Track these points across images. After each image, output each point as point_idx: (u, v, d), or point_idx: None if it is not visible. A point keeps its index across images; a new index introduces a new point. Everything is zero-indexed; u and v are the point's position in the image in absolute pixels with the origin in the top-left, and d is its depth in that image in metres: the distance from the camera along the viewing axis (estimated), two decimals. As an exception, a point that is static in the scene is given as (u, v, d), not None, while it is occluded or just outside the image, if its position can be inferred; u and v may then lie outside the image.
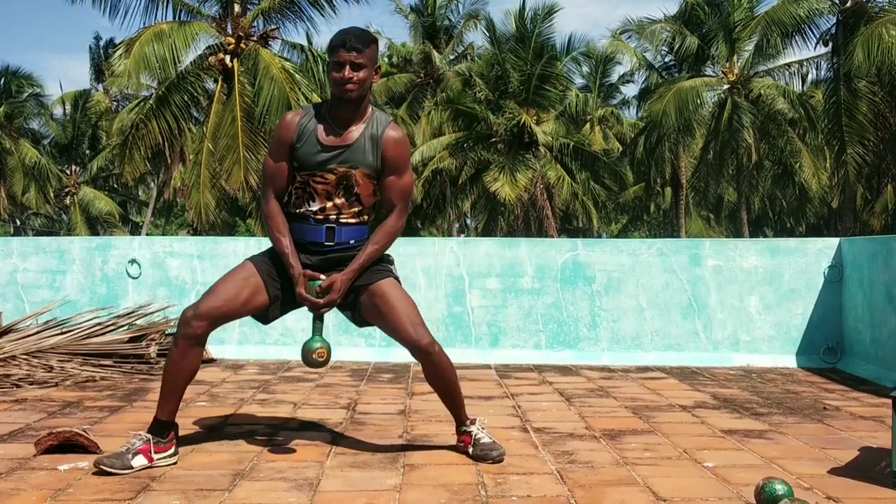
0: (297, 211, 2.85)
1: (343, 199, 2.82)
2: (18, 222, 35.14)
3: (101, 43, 35.40)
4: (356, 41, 2.72)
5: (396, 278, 2.93)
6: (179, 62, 17.15)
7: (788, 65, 23.88)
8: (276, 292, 2.83)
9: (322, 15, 17.94)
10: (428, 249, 5.60)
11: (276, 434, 3.24)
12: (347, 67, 2.71)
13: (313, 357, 2.77)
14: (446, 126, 25.35)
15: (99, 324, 4.99)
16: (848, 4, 20.11)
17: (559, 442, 3.14)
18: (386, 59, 32.92)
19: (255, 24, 18.11)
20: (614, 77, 31.79)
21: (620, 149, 29.22)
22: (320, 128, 2.80)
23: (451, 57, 30.60)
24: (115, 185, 32.96)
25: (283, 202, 2.87)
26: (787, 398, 4.15)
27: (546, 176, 23.25)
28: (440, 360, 2.86)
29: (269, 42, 18.16)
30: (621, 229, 41.40)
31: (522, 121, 22.55)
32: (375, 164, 2.81)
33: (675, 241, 5.70)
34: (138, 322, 5.16)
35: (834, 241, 5.47)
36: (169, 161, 22.21)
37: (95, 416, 3.54)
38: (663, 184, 30.03)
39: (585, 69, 30.16)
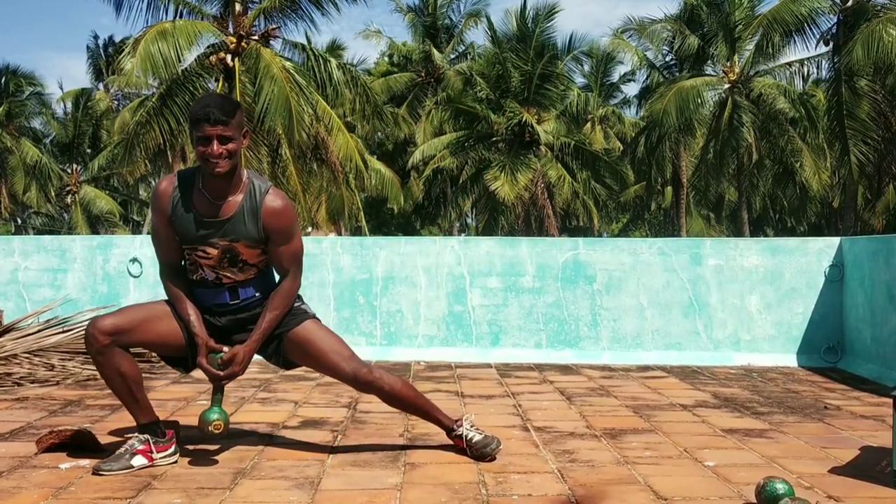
0: (193, 277, 2.77)
1: (233, 269, 2.74)
2: (19, 221, 35.16)
3: (101, 41, 35.39)
4: (220, 113, 2.58)
5: (313, 317, 2.88)
6: (183, 61, 17.15)
7: (789, 64, 23.87)
8: (192, 348, 2.75)
9: (323, 14, 17.95)
10: (429, 248, 5.60)
11: (277, 433, 3.24)
12: (215, 142, 2.57)
13: (209, 429, 2.70)
14: (447, 125, 25.36)
15: (100, 323, 4.99)
16: (849, 4, 20.10)
17: (560, 441, 3.14)
18: (386, 59, 32.93)
19: (257, 23, 18.10)
20: (615, 76, 31.80)
21: (621, 148, 29.22)
22: (196, 201, 2.68)
23: (452, 56, 30.60)
24: (116, 184, 32.97)
25: (177, 270, 2.80)
26: (788, 397, 4.16)
27: (547, 175, 23.25)
28: (386, 383, 2.87)
29: (271, 41, 18.15)
30: (622, 228, 41.40)
31: (523, 120, 22.55)
32: (258, 235, 2.71)
33: (675, 241, 5.70)
34: (139, 321, 5.16)
35: (835, 241, 5.47)
36: (170, 160, 22.20)
37: (97, 414, 3.55)
38: (664, 183, 30.02)
39: (586, 68, 30.16)
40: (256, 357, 5.29)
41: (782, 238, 5.90)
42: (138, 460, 2.66)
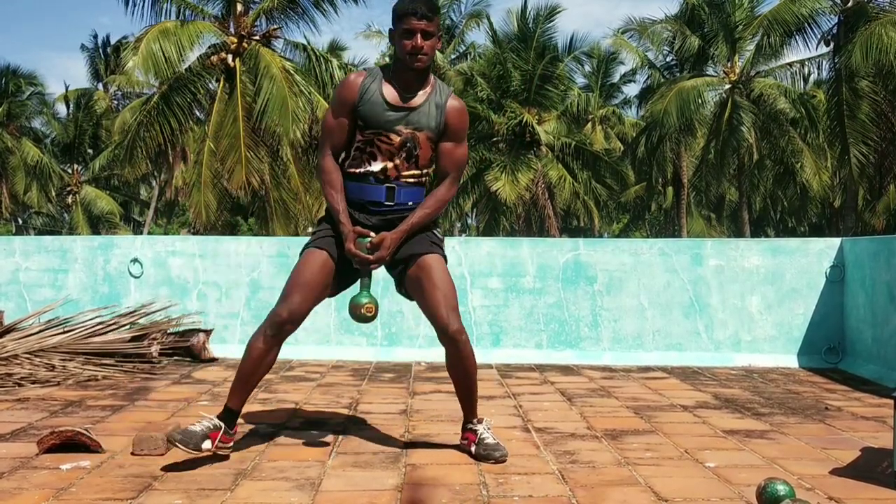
0: (357, 171, 2.87)
1: (403, 161, 2.85)
2: (20, 221, 35.17)
3: (99, 41, 35.41)
4: (426, 9, 2.73)
5: (444, 258, 2.94)
6: (185, 60, 17.16)
7: (790, 64, 23.86)
8: (339, 266, 2.85)
9: (323, 15, 17.96)
10: (429, 249, 5.59)
11: (277, 433, 3.24)
12: (419, 36, 2.73)
13: (361, 311, 2.81)
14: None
15: (101, 323, 5.00)
16: (849, 4, 20.09)
17: (561, 442, 3.14)
18: (387, 59, 32.94)
19: (258, 23, 18.11)
20: (616, 77, 31.79)
21: (622, 148, 29.21)
22: (387, 89, 2.83)
23: (453, 56, 30.59)
24: (118, 184, 32.99)
25: (339, 161, 2.91)
26: (789, 398, 4.15)
27: (547, 175, 23.25)
28: (465, 349, 2.89)
29: (272, 42, 18.16)
30: (623, 229, 41.40)
31: (524, 120, 22.55)
32: (438, 128, 2.86)
33: (676, 241, 5.70)
34: (140, 321, 5.16)
35: (835, 241, 5.47)
36: (171, 160, 22.21)
37: (97, 415, 3.55)
38: (664, 183, 30.02)
39: (587, 68, 30.15)
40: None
41: (783, 239, 5.89)
42: (207, 443, 2.70)
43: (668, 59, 26.45)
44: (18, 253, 5.71)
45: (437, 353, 5.42)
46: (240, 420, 3.45)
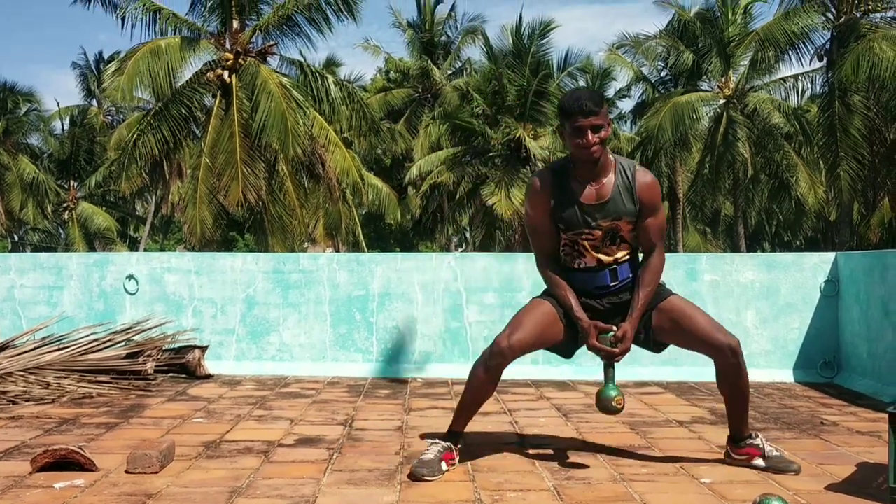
0: (575, 266, 3.00)
1: (610, 246, 2.95)
2: (16, 238, 35.11)
3: (91, 58, 35.48)
4: (591, 104, 2.79)
5: (675, 293, 3.05)
6: (176, 79, 17.22)
7: (784, 79, 24.01)
8: (570, 332, 2.99)
9: (319, 32, 18.04)
10: (425, 264, 5.60)
11: (272, 450, 3.23)
12: (589, 132, 2.80)
13: (612, 405, 2.92)
14: (444, 140, 25.43)
15: (96, 340, 4.99)
16: (842, 20, 20.24)
17: (556, 458, 3.14)
18: (382, 75, 33.07)
19: (254, 40, 18.19)
20: (610, 92, 31.92)
21: (617, 163, 29.23)
22: (574, 187, 2.92)
23: (449, 72, 30.74)
24: (114, 200, 32.97)
25: (554, 259, 3.03)
26: (785, 413, 4.15)
27: (544, 190, 23.27)
28: (743, 361, 2.96)
29: (268, 58, 18.24)
30: (619, 243, 41.37)
31: (518, 135, 22.64)
32: (635, 210, 2.93)
33: (671, 256, 5.70)
34: (136, 338, 5.15)
35: (830, 256, 5.48)
36: (167, 176, 22.21)
37: (92, 433, 3.53)
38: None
39: (582, 84, 30.28)
40: (253, 374, 5.27)
41: (778, 253, 5.91)
42: (444, 466, 2.85)
43: (663, 74, 26.59)
44: (14, 270, 5.70)
45: (433, 369, 5.43)
46: (234, 438, 3.44)
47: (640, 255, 3.06)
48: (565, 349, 3.09)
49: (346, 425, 3.76)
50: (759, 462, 2.95)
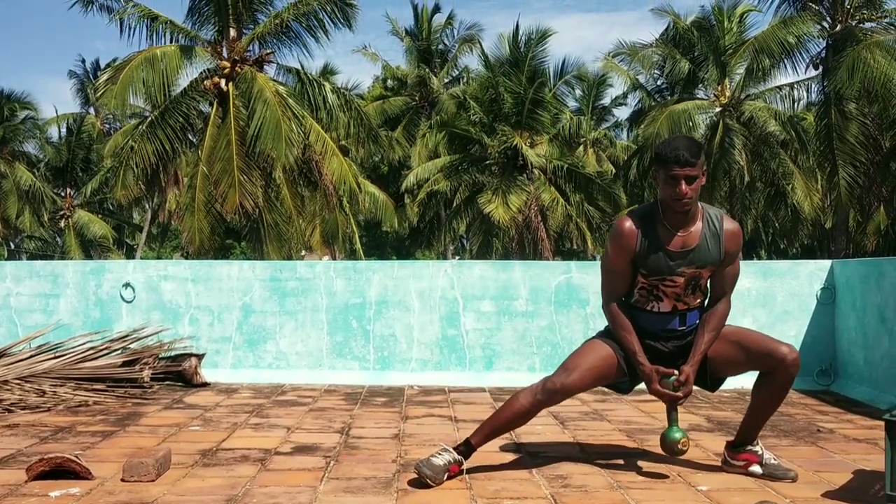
0: (648, 308, 2.97)
1: (691, 295, 2.95)
2: (13, 246, 35.04)
3: (88, 66, 35.48)
4: (689, 155, 2.77)
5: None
6: (171, 86, 17.22)
7: (780, 87, 24.07)
8: (626, 373, 2.99)
9: (316, 41, 18.07)
10: (422, 272, 5.60)
11: (269, 458, 3.22)
12: (683, 183, 2.77)
13: (678, 447, 2.93)
14: (441, 148, 25.46)
15: (92, 348, 4.98)
16: (837, 28, 20.32)
17: (553, 465, 3.14)
18: (380, 83, 33.12)
19: (251, 48, 18.21)
20: (607, 100, 32.01)
21: (614, 171, 29.33)
22: (661, 233, 2.88)
23: (446, 80, 30.80)
24: (111, 208, 32.93)
25: (622, 300, 3.02)
26: (781, 420, 4.15)
27: (540, 198, 23.31)
28: (795, 373, 2.93)
29: (265, 66, 18.26)
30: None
31: (515, 143, 22.67)
32: (719, 259, 2.91)
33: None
34: (132, 346, 5.15)
35: (826, 263, 5.49)
36: (163, 184, 22.20)
37: (88, 441, 3.52)
38: (657, 206, 30.08)
39: (578, 92, 30.35)
40: (250, 382, 5.26)
41: (774, 261, 5.91)
42: (447, 476, 2.83)
43: (659, 82, 26.66)
44: (10, 278, 5.69)
45: (430, 377, 5.42)
46: (231, 446, 3.44)
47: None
48: (622, 386, 3.10)
49: (343, 433, 3.75)
50: (757, 469, 2.95)
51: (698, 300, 2.98)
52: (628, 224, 2.91)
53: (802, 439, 3.67)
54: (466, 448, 2.96)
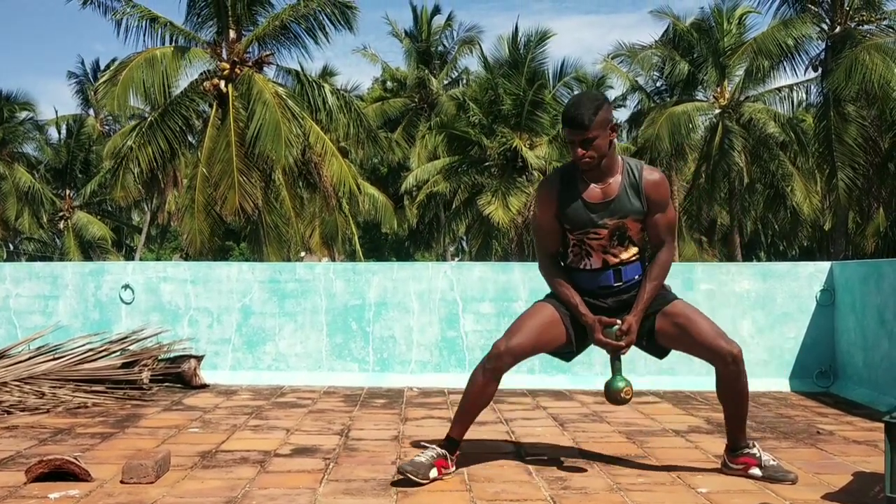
0: (581, 266, 3.01)
1: (618, 246, 2.96)
2: (11, 247, 35.03)
3: (87, 67, 35.46)
4: (582, 118, 2.80)
5: (680, 298, 3.05)
6: (171, 87, 17.23)
7: (779, 89, 24.09)
8: (573, 334, 2.99)
9: (316, 42, 18.08)
10: (421, 274, 5.60)
11: (268, 460, 3.22)
12: (578, 148, 2.83)
13: (621, 396, 2.93)
14: (441, 150, 25.47)
15: (91, 349, 4.97)
16: (837, 30, 20.34)
17: (553, 467, 3.13)
18: (379, 85, 33.13)
19: (250, 49, 18.22)
20: (606, 102, 31.98)
21: (613, 172, 29.28)
22: (581, 187, 2.94)
23: (446, 82, 30.82)
24: (110, 209, 32.92)
25: (557, 258, 3.06)
26: (781, 422, 4.15)
27: (540, 199, 23.31)
28: (744, 369, 2.94)
29: (264, 67, 18.27)
30: (615, 252, 41.42)
31: (514, 145, 22.68)
32: (642, 208, 2.94)
33: (667, 265, 5.71)
34: (131, 348, 5.14)
35: (825, 265, 5.49)
36: (162, 185, 22.20)
37: (87, 442, 3.52)
38: (656, 207, 30.08)
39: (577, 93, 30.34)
40: (249, 384, 5.25)
41: (773, 263, 5.91)
42: (434, 472, 2.83)
43: (658, 84, 26.67)
44: (9, 279, 5.69)
45: (429, 379, 5.42)
46: (230, 448, 3.43)
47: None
48: (566, 352, 3.10)
49: (343, 435, 3.75)
50: (756, 472, 2.95)
51: (630, 254, 2.98)
52: (549, 179, 3.03)
53: (802, 441, 3.67)
54: (448, 443, 2.97)
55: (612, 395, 2.95)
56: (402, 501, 2.65)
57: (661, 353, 3.10)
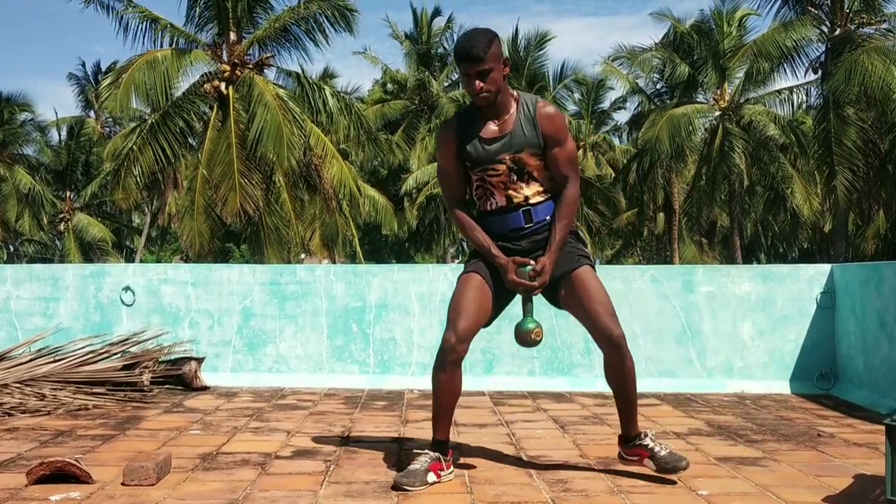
0: (488, 208, 3.02)
1: (519, 183, 2.96)
2: (12, 249, 35.04)
3: (89, 68, 35.49)
4: (477, 51, 2.83)
5: (593, 266, 3.06)
6: (172, 90, 17.25)
7: (779, 91, 24.12)
8: (496, 288, 2.99)
9: (316, 45, 18.10)
10: (422, 276, 5.61)
11: (269, 462, 3.22)
12: (476, 80, 2.85)
13: (531, 337, 2.94)
14: (441, 152, 25.44)
15: (92, 351, 4.97)
16: (836, 33, 20.36)
17: (554, 470, 3.14)
18: (379, 87, 33.15)
19: (251, 51, 18.24)
20: (606, 104, 32.03)
21: (613, 175, 29.37)
22: (477, 125, 2.97)
23: (446, 83, 30.83)
24: (110, 211, 32.94)
25: (465, 204, 3.08)
26: (781, 425, 4.16)
27: (539, 202, 23.33)
28: (627, 354, 2.94)
29: (265, 69, 18.29)
30: (614, 255, 41.48)
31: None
32: (538, 142, 2.95)
33: (668, 268, 5.73)
34: (132, 350, 5.14)
35: (826, 268, 5.50)
36: (163, 187, 22.22)
37: (88, 444, 3.52)
38: (656, 209, 30.15)
39: (577, 96, 30.39)
40: (250, 386, 5.25)
41: (774, 265, 5.92)
42: (431, 477, 2.82)
43: (658, 86, 26.70)
44: (10, 281, 5.69)
45: (430, 381, 5.40)
46: (231, 450, 3.44)
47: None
48: (494, 313, 3.07)
49: (343, 437, 3.75)
50: (650, 463, 2.95)
51: (534, 191, 2.98)
52: (448, 121, 3.07)
53: (802, 443, 3.68)
54: (437, 445, 2.95)
55: (522, 335, 2.95)
56: (402, 503, 2.65)
57: (560, 307, 3.12)
